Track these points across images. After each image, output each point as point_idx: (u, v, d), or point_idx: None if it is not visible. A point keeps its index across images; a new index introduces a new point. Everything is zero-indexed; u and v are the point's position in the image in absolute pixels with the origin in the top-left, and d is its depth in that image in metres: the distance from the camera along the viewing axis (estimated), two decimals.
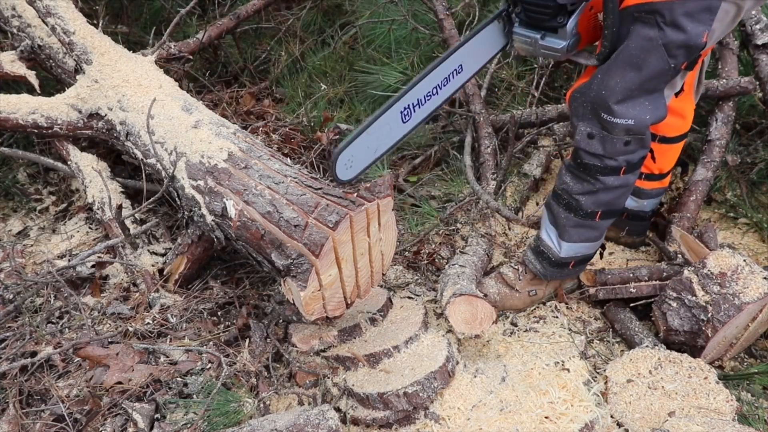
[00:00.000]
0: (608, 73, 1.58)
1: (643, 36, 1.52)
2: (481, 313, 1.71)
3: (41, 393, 1.66)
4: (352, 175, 1.58)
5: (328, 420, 1.43)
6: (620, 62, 1.57)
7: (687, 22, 1.47)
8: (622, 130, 1.62)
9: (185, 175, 1.83)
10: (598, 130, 1.65)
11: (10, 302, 1.90)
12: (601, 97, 1.59)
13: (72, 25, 2.33)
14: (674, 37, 1.49)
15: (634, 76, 1.56)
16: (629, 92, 1.58)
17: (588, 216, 1.77)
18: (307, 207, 1.55)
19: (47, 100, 2.31)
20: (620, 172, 1.70)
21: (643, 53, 1.53)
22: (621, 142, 1.64)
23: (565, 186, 1.78)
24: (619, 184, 1.72)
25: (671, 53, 1.52)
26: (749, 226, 2.26)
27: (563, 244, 1.83)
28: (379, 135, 1.59)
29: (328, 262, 1.52)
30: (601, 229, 1.84)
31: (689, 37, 1.49)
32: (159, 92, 2.11)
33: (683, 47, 1.52)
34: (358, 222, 1.55)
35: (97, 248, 2.06)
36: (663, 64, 1.54)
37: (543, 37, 1.66)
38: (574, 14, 1.61)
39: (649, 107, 1.60)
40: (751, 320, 1.68)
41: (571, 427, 1.47)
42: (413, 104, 1.64)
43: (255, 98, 3.07)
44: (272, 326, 1.86)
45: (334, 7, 3.39)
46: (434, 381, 1.56)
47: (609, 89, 1.58)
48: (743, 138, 2.52)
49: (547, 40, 1.65)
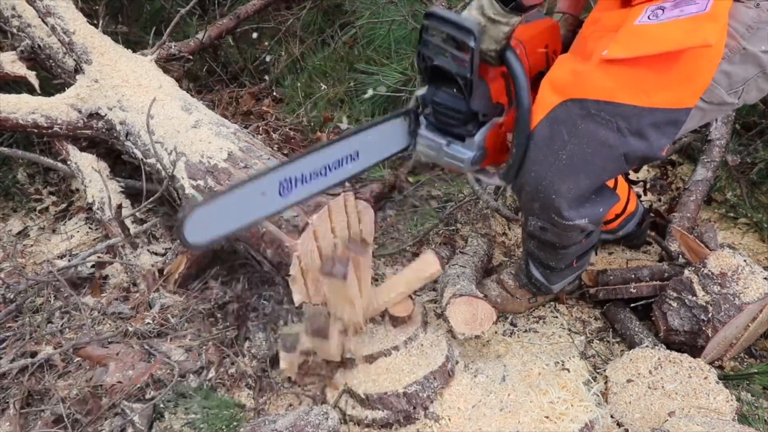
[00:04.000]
0: (560, 177, 1.42)
1: (601, 140, 1.37)
2: (481, 314, 1.71)
3: (41, 393, 1.66)
4: (202, 240, 1.32)
5: (329, 420, 1.43)
6: (574, 168, 1.40)
7: (652, 133, 1.35)
8: (577, 228, 1.52)
9: (185, 174, 1.83)
10: (550, 226, 1.55)
11: (11, 302, 1.90)
12: (552, 201, 1.45)
13: (72, 24, 2.33)
14: (636, 146, 1.37)
15: (588, 182, 1.44)
16: (582, 197, 1.46)
17: (565, 268, 1.74)
18: (306, 207, 1.55)
19: (47, 100, 2.31)
20: (581, 240, 1.64)
21: (600, 160, 1.39)
22: (576, 232, 1.56)
23: (530, 249, 1.73)
24: (585, 245, 1.67)
25: (629, 161, 1.41)
26: (749, 226, 2.26)
27: (552, 285, 1.83)
28: (249, 201, 1.37)
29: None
30: (584, 266, 1.82)
31: (651, 149, 1.38)
32: (159, 92, 2.12)
33: (642, 158, 1.41)
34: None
35: (97, 248, 2.06)
36: (619, 170, 1.46)
37: (449, 144, 1.52)
38: (484, 126, 1.50)
39: (600, 201, 1.50)
40: (751, 320, 1.68)
41: (571, 427, 1.47)
42: (296, 178, 1.43)
43: (255, 98, 3.07)
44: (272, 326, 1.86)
45: (334, 7, 3.39)
46: (434, 381, 1.56)
47: (561, 195, 1.44)
48: (743, 138, 2.52)
49: (453, 147, 1.51)
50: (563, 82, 1.39)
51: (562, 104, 1.38)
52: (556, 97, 1.39)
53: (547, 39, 1.58)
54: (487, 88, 1.47)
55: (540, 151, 1.42)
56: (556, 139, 1.40)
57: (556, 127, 1.39)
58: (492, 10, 1.33)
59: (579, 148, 1.39)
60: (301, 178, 1.43)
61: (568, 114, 1.38)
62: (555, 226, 1.53)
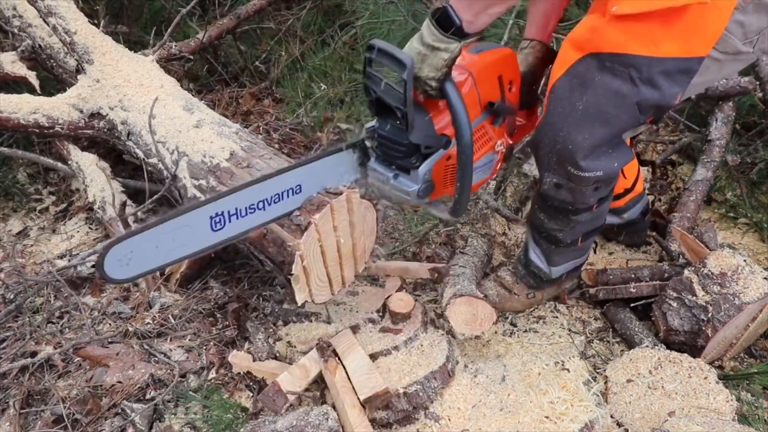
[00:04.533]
0: (576, 127, 1.47)
1: (615, 90, 1.42)
2: (482, 314, 1.71)
3: (41, 393, 1.66)
4: (125, 276, 1.31)
5: (329, 421, 1.43)
6: (590, 117, 1.45)
7: (663, 81, 1.39)
8: (591, 181, 1.55)
9: (187, 174, 1.83)
10: (565, 181, 1.57)
11: (11, 302, 1.90)
12: (568, 151, 1.49)
13: (73, 25, 2.33)
14: (648, 95, 1.41)
15: (603, 132, 1.47)
16: (597, 147, 1.50)
17: (570, 244, 1.76)
18: (309, 206, 1.55)
19: (48, 100, 2.31)
20: (592, 208, 1.66)
21: (615, 110, 1.44)
22: (590, 190, 1.58)
23: (539, 222, 1.75)
24: (594, 216, 1.69)
25: (643, 110, 1.44)
26: (749, 226, 2.26)
27: (553, 268, 1.84)
28: (177, 236, 1.33)
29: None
30: (587, 249, 1.83)
31: (663, 96, 1.41)
32: (160, 92, 2.12)
33: (655, 107, 1.44)
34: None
35: (97, 248, 2.06)
36: (633, 121, 1.47)
37: (396, 176, 1.52)
38: (428, 159, 1.49)
39: (614, 155, 1.53)
40: (751, 320, 1.68)
41: (571, 427, 1.47)
42: (229, 212, 1.40)
43: (255, 98, 3.07)
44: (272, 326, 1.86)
45: (334, 7, 3.39)
46: (434, 381, 1.56)
47: (576, 145, 1.48)
48: (743, 138, 2.52)
49: (400, 180, 1.51)
50: (582, 38, 1.44)
51: (581, 59, 1.43)
52: (575, 54, 1.44)
53: (501, 69, 1.58)
54: (429, 120, 1.46)
55: (559, 103, 1.48)
56: (574, 91, 1.45)
57: (575, 81, 1.45)
58: (431, 37, 1.35)
59: (595, 98, 1.44)
60: (236, 213, 1.40)
61: (586, 68, 1.43)
62: (570, 181, 1.56)
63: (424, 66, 1.38)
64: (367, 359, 1.57)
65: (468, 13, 1.33)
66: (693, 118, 2.65)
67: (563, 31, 2.58)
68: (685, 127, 2.67)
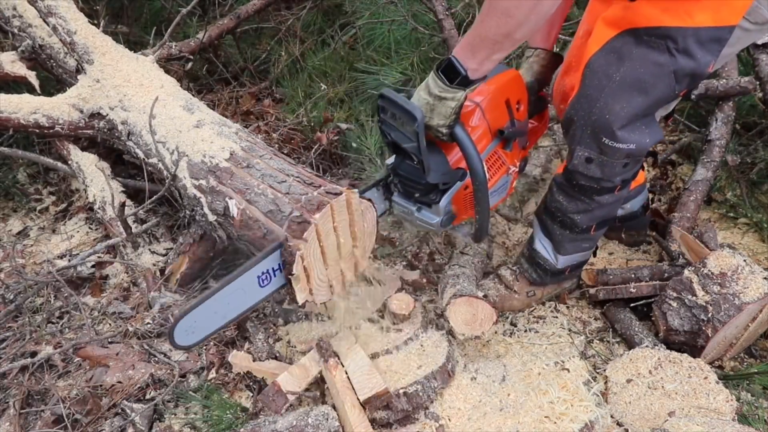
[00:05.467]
0: (614, 97, 1.51)
1: (653, 61, 1.47)
2: (482, 314, 1.71)
3: (41, 393, 1.66)
4: (193, 341, 1.43)
5: (329, 421, 1.43)
6: (627, 87, 1.50)
7: (698, 50, 1.45)
8: (623, 155, 1.58)
9: (187, 174, 1.83)
10: (596, 154, 1.60)
11: (11, 302, 1.90)
12: (605, 121, 1.53)
13: (73, 24, 2.33)
14: (684, 64, 1.46)
15: (641, 101, 1.51)
16: (634, 117, 1.53)
17: (584, 231, 1.78)
18: (310, 206, 1.55)
19: (49, 100, 2.31)
20: (615, 190, 1.69)
21: (652, 78, 1.48)
22: (620, 165, 1.61)
23: (558, 204, 1.77)
24: (614, 200, 1.72)
25: (678, 80, 1.49)
26: (749, 226, 2.26)
27: (559, 257, 1.85)
28: (231, 300, 1.45)
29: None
30: (596, 239, 1.85)
31: (698, 65, 1.47)
32: (160, 92, 2.12)
33: (690, 75, 1.49)
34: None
35: (97, 248, 2.06)
36: (669, 90, 1.50)
37: (419, 210, 1.63)
38: (447, 193, 1.59)
39: (647, 131, 1.57)
40: (751, 320, 1.68)
41: (571, 427, 1.47)
42: (273, 268, 1.49)
43: (255, 98, 3.07)
44: (272, 326, 1.86)
45: (334, 7, 3.39)
46: (434, 381, 1.56)
47: (614, 114, 1.52)
48: (743, 138, 2.52)
49: (423, 213, 1.63)
50: (617, 16, 1.50)
51: (618, 35, 1.50)
52: (611, 31, 1.51)
53: (507, 93, 1.64)
54: (443, 159, 1.55)
55: (595, 76, 1.53)
56: (611, 65, 1.51)
57: (612, 55, 1.51)
58: (437, 88, 1.43)
59: (632, 69, 1.49)
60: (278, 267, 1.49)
61: (623, 43, 1.49)
62: (602, 154, 1.59)
63: (433, 115, 1.46)
64: (366, 359, 1.57)
65: (472, 62, 1.39)
66: (693, 118, 2.65)
67: (565, 34, 2.59)
68: (685, 127, 2.67)
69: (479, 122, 1.58)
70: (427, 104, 1.45)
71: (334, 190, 1.56)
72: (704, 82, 2.37)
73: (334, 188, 1.57)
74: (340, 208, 1.54)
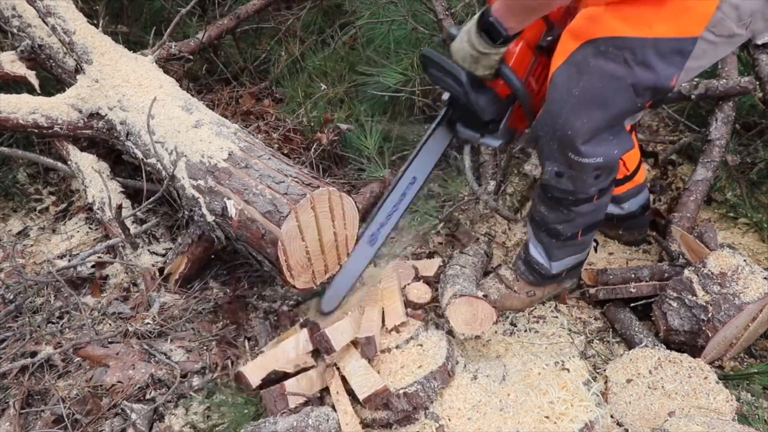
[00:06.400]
0: (574, 112, 1.50)
1: (610, 73, 1.44)
2: (482, 314, 1.71)
3: (41, 393, 1.66)
4: (335, 305, 1.77)
5: (329, 422, 1.43)
6: (586, 102, 1.48)
7: (657, 62, 1.41)
8: (592, 168, 1.57)
9: (185, 174, 1.83)
10: (566, 168, 1.59)
11: (11, 302, 1.90)
12: (568, 137, 1.52)
13: (72, 24, 2.33)
14: (643, 76, 1.43)
15: (601, 115, 1.49)
16: (596, 132, 1.51)
17: (570, 237, 1.77)
18: (290, 198, 1.57)
19: (47, 100, 2.31)
20: (593, 199, 1.68)
21: (611, 93, 1.46)
22: (591, 177, 1.61)
23: (540, 215, 1.77)
24: (594, 208, 1.71)
25: (639, 93, 1.46)
26: (749, 226, 2.26)
27: (552, 263, 1.85)
28: (354, 263, 1.78)
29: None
30: (587, 242, 1.84)
31: (658, 78, 1.43)
32: (159, 92, 2.11)
33: (651, 88, 1.46)
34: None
35: (97, 248, 2.06)
36: (630, 104, 1.48)
37: (482, 135, 1.71)
38: (503, 119, 1.66)
39: (615, 141, 1.55)
40: (751, 320, 1.68)
41: (571, 427, 1.47)
42: (377, 228, 1.79)
43: (255, 98, 3.07)
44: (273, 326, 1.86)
45: (334, 7, 3.38)
46: (434, 381, 1.56)
47: (575, 129, 1.50)
48: (743, 138, 2.52)
49: (486, 138, 1.71)
50: (579, 28, 1.48)
51: (579, 48, 1.47)
52: (574, 43, 1.48)
53: None
54: (493, 94, 1.62)
55: (557, 92, 1.52)
56: (571, 79, 1.49)
57: (572, 69, 1.49)
58: (481, 46, 1.49)
59: (590, 83, 1.47)
60: (380, 226, 1.79)
61: (583, 55, 1.47)
62: (571, 168, 1.58)
63: (479, 66, 1.52)
64: (363, 360, 1.58)
65: (512, 22, 1.43)
66: (693, 118, 2.64)
67: None
68: (685, 127, 2.67)
69: (518, 45, 1.59)
70: (472, 56, 1.50)
71: (312, 182, 1.63)
72: (704, 82, 2.37)
73: (311, 180, 1.64)
74: (320, 200, 1.62)
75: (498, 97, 1.63)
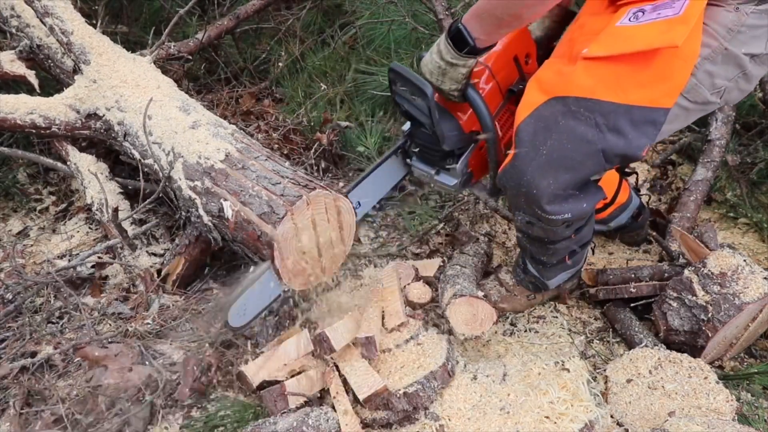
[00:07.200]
0: (540, 172, 1.42)
1: (580, 136, 1.37)
2: (482, 314, 1.71)
3: (41, 393, 1.65)
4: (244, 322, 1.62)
5: (328, 422, 1.43)
6: (554, 162, 1.41)
7: (630, 130, 1.36)
8: (560, 222, 1.52)
9: (182, 175, 1.83)
10: (535, 220, 1.55)
11: (11, 302, 1.90)
12: (533, 195, 1.45)
13: (70, 25, 2.33)
14: (614, 143, 1.37)
15: (568, 178, 1.43)
16: (562, 192, 1.46)
17: (557, 263, 1.75)
18: (286, 201, 1.57)
19: (45, 100, 2.31)
20: (570, 236, 1.64)
21: (580, 156, 1.40)
22: (562, 228, 1.57)
23: (523, 246, 1.76)
24: (574, 242, 1.68)
25: (608, 159, 1.40)
26: (749, 226, 2.26)
27: (547, 282, 1.83)
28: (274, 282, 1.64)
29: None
30: (579, 260, 1.82)
31: (629, 146, 1.37)
32: (157, 93, 2.11)
33: (621, 156, 1.40)
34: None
35: (96, 249, 2.06)
36: (599, 167, 1.43)
37: (437, 172, 1.67)
38: (462, 156, 1.61)
39: (582, 197, 1.50)
40: (751, 320, 1.68)
41: (571, 427, 1.47)
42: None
43: (255, 98, 3.07)
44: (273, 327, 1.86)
45: (334, 7, 3.39)
46: (434, 381, 1.56)
47: (540, 190, 1.44)
48: (743, 138, 2.52)
49: (441, 176, 1.67)
50: (548, 81, 1.42)
51: (546, 102, 1.40)
52: (541, 96, 1.41)
53: (515, 49, 1.63)
54: (456, 125, 1.58)
55: (523, 146, 1.44)
56: (538, 135, 1.42)
57: (539, 124, 1.41)
58: (449, 55, 1.43)
59: (559, 143, 1.40)
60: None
61: (551, 111, 1.40)
62: (540, 221, 1.55)
63: (445, 79, 1.47)
64: (363, 360, 1.58)
65: (479, 32, 1.38)
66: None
67: None
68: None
69: (490, 85, 1.58)
70: (439, 68, 1.45)
71: (308, 184, 1.63)
72: None
73: (307, 182, 1.63)
74: (316, 202, 1.61)
75: (461, 129, 1.57)
